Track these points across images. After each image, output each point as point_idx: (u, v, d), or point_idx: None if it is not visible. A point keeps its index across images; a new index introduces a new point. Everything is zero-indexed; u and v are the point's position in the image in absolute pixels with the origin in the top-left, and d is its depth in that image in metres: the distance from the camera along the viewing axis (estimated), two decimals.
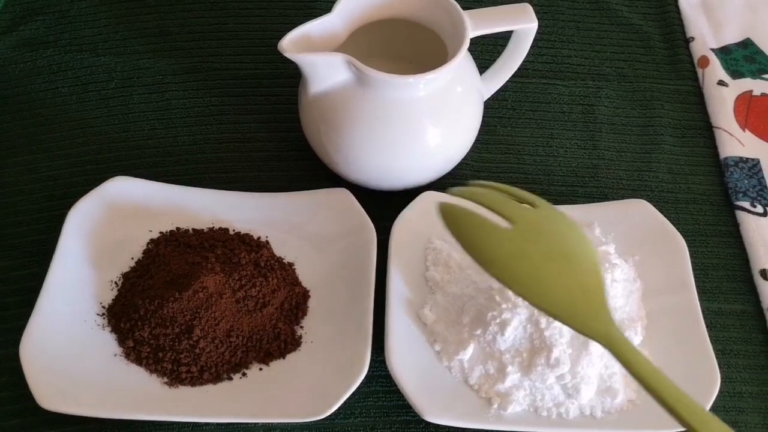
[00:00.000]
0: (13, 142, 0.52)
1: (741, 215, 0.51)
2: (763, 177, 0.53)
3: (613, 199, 0.51)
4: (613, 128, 0.56)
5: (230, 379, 0.42)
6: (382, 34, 0.49)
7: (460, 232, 0.32)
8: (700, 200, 0.53)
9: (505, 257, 0.31)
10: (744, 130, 0.56)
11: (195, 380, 0.41)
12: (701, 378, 0.41)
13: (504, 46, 0.49)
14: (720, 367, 0.42)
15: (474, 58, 0.49)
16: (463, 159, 0.50)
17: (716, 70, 0.59)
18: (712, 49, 0.61)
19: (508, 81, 0.51)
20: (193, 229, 0.47)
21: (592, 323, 0.30)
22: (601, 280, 0.31)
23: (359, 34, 0.47)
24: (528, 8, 0.46)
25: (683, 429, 0.39)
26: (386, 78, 0.42)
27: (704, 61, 0.60)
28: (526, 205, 0.34)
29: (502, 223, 0.34)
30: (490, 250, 0.31)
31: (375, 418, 0.42)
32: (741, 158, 0.54)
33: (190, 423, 0.41)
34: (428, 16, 0.47)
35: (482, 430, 0.41)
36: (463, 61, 0.46)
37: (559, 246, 0.32)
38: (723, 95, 0.57)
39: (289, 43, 0.42)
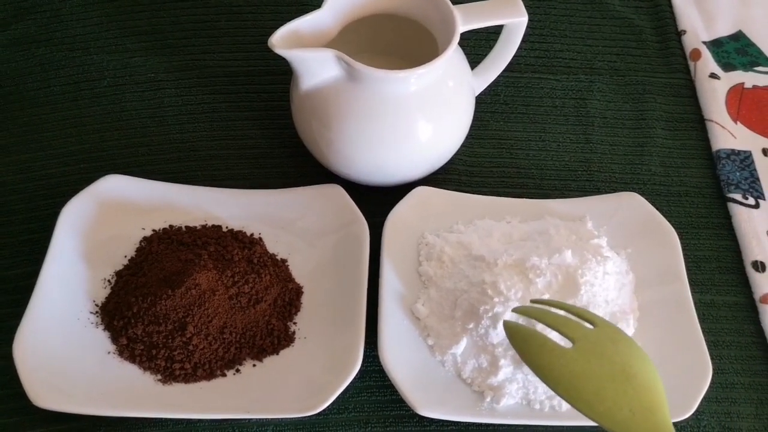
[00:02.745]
0: (6, 141, 0.52)
1: (733, 207, 0.51)
2: (754, 169, 0.54)
3: (606, 192, 0.51)
4: (605, 122, 0.56)
5: (224, 375, 0.42)
6: (372, 29, 0.49)
7: (525, 352, 0.34)
8: (693, 193, 0.53)
9: (568, 376, 0.33)
10: (736, 123, 0.56)
11: (188, 377, 0.41)
12: (693, 369, 0.42)
13: (495, 40, 0.49)
14: (712, 359, 0.42)
15: (466, 54, 0.49)
16: (455, 154, 0.50)
17: (708, 62, 0.59)
18: (704, 42, 0.61)
19: (500, 75, 0.51)
20: (186, 227, 0.47)
21: None
22: (662, 397, 0.32)
23: (350, 29, 0.47)
24: (518, 2, 0.46)
25: (678, 419, 0.40)
26: (377, 73, 0.42)
27: (696, 54, 0.60)
28: (586, 324, 0.36)
29: (564, 342, 0.36)
30: (554, 370, 0.33)
31: (368, 413, 0.42)
32: (733, 150, 0.54)
33: (183, 420, 0.41)
34: (418, 12, 0.47)
35: (475, 423, 0.41)
36: (453, 56, 0.46)
37: (622, 365, 0.33)
38: (715, 88, 0.57)
39: (279, 39, 0.42)
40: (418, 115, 0.45)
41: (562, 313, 0.38)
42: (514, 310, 0.39)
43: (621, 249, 0.47)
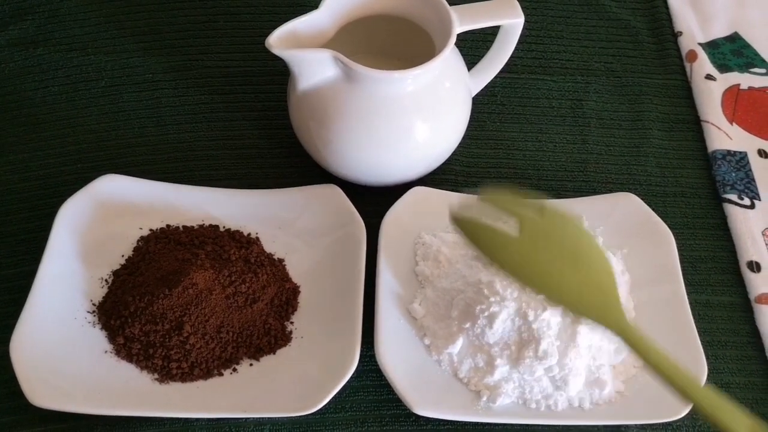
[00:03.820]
0: (3, 141, 0.52)
1: (729, 208, 0.52)
2: (750, 170, 0.54)
3: (602, 192, 0.52)
4: (601, 123, 0.56)
5: (221, 374, 0.42)
6: (370, 30, 0.49)
7: (476, 241, 0.36)
8: (689, 193, 0.53)
9: (518, 262, 0.34)
10: (732, 124, 0.56)
11: (185, 376, 0.41)
12: (689, 369, 0.42)
13: (492, 41, 0.50)
14: (707, 359, 0.42)
15: (462, 54, 0.49)
16: (452, 154, 0.50)
17: (704, 64, 0.59)
18: (700, 44, 0.61)
19: (496, 76, 0.51)
20: (184, 227, 0.47)
21: (606, 315, 0.33)
22: (611, 276, 0.34)
23: (347, 30, 0.47)
24: (514, 3, 0.46)
25: (673, 418, 0.40)
26: (373, 74, 0.42)
27: (692, 56, 0.60)
28: (533, 211, 0.37)
29: (512, 231, 0.37)
30: (505, 256, 0.35)
31: (365, 412, 0.42)
32: (729, 151, 0.55)
33: (180, 419, 0.41)
34: (415, 12, 0.47)
35: (472, 422, 0.41)
36: (450, 57, 0.46)
37: (569, 249, 0.35)
38: (711, 89, 0.58)
39: (277, 40, 0.42)
40: (415, 116, 0.45)
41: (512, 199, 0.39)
42: (460, 206, 0.39)
43: (617, 249, 0.47)
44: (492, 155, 0.54)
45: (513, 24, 0.47)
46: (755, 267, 0.49)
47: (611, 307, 0.33)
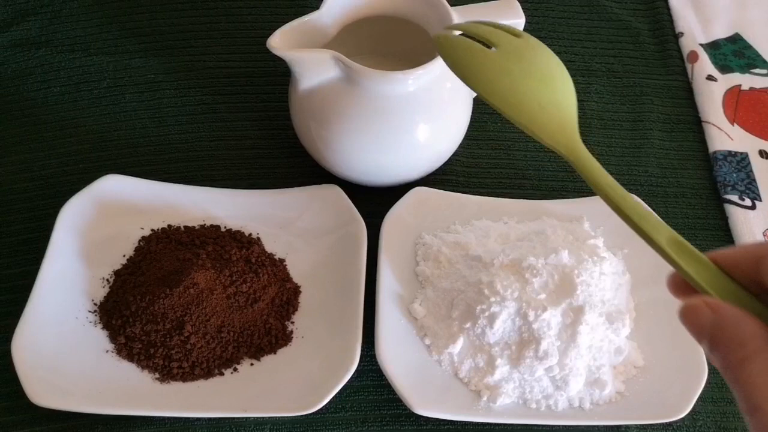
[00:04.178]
0: (6, 142, 0.53)
1: (730, 208, 0.52)
2: (751, 170, 0.54)
3: None
4: (603, 123, 0.56)
5: (221, 374, 0.42)
6: (371, 31, 0.49)
7: (451, 56, 0.36)
8: (690, 194, 0.53)
9: (487, 73, 0.35)
10: (733, 125, 0.56)
11: (186, 376, 0.41)
12: (689, 369, 0.42)
13: None
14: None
15: None
16: (453, 155, 0.50)
17: (705, 65, 0.59)
18: (701, 44, 0.61)
19: None
20: (185, 227, 0.47)
21: (560, 137, 0.33)
22: (573, 100, 0.35)
23: (349, 31, 0.47)
24: (515, 4, 0.46)
25: (673, 418, 0.40)
26: (374, 74, 0.42)
27: (693, 56, 0.60)
28: (511, 35, 0.38)
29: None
30: (475, 69, 0.35)
31: (365, 412, 0.42)
32: (730, 152, 0.55)
33: (181, 418, 0.41)
34: (416, 13, 0.47)
35: (472, 422, 0.42)
36: None
37: (538, 68, 0.35)
38: (712, 90, 0.58)
39: (278, 41, 0.42)
40: (416, 117, 0.46)
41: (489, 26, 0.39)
42: (446, 28, 0.40)
43: (617, 249, 0.47)
44: (493, 156, 0.54)
45: (514, 25, 0.47)
46: None
47: (566, 129, 0.33)
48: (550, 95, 0.34)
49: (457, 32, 0.39)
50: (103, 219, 0.46)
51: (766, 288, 0.25)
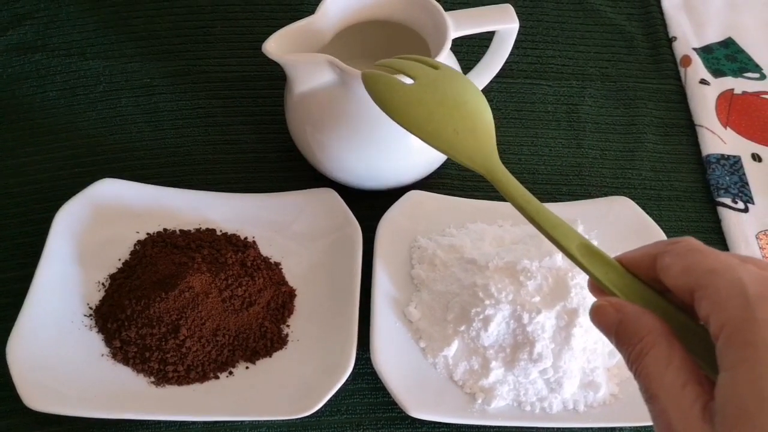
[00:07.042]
0: (1, 146, 0.53)
1: (723, 211, 0.52)
2: (744, 174, 0.54)
3: (598, 196, 0.52)
4: (597, 127, 0.57)
5: (217, 377, 0.42)
6: (366, 35, 0.49)
7: (374, 90, 0.39)
8: (683, 197, 0.53)
9: (405, 105, 0.37)
10: (725, 128, 0.57)
11: (182, 379, 0.41)
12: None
13: (488, 46, 0.50)
14: None
15: (458, 59, 0.50)
16: (447, 159, 0.50)
17: (698, 69, 0.60)
18: (695, 49, 0.61)
19: (492, 81, 0.52)
20: (180, 230, 0.48)
21: (477, 157, 0.35)
22: (489, 123, 0.37)
23: (344, 35, 0.47)
24: (509, 9, 0.47)
25: None
26: None
27: (686, 61, 0.60)
28: (429, 67, 0.40)
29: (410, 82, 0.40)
30: (394, 101, 0.38)
31: (361, 415, 0.42)
32: (723, 155, 0.55)
33: (177, 422, 0.41)
34: (411, 18, 0.48)
35: (467, 425, 0.42)
36: (446, 62, 0.46)
37: (451, 96, 0.38)
38: (705, 94, 0.58)
39: (274, 45, 0.42)
40: None
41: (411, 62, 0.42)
42: (375, 65, 0.42)
43: (611, 252, 0.47)
44: None
45: (508, 29, 0.47)
46: None
47: (483, 150, 0.36)
48: (464, 121, 0.37)
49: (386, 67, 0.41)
50: (98, 223, 0.46)
51: (665, 285, 0.26)
